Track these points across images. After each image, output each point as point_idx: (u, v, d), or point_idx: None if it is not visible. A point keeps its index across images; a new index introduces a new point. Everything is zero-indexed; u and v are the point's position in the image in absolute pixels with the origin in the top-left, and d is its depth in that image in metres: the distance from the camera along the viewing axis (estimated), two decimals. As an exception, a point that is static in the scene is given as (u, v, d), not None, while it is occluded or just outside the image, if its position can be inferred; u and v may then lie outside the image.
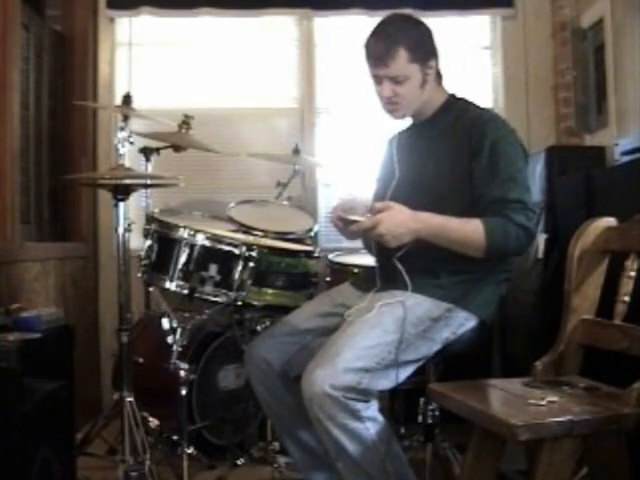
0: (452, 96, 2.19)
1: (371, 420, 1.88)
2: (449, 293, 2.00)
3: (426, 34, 2.11)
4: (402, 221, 1.91)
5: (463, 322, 2.01)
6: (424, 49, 2.08)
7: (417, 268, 2.01)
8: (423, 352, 1.98)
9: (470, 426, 1.76)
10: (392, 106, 2.12)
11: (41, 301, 2.94)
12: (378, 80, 2.10)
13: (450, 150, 2.07)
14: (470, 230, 1.93)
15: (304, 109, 3.86)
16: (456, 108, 2.14)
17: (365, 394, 1.87)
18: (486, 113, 2.12)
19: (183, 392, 2.50)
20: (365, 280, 2.20)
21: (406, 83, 2.07)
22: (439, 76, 2.16)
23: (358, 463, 1.87)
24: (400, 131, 2.32)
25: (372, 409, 1.89)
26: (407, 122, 2.28)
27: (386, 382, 1.91)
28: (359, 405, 1.85)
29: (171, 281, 2.44)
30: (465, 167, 2.03)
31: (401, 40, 2.03)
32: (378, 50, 2.06)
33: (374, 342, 1.89)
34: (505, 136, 2.03)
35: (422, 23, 2.13)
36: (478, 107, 2.15)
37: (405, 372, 1.96)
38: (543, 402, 1.61)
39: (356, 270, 2.81)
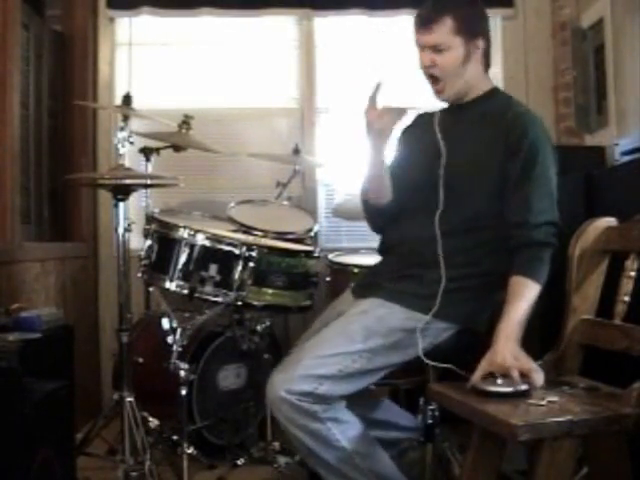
0: (496, 88, 2.16)
1: (332, 421, 1.89)
2: (428, 304, 1.96)
3: (478, 12, 2.08)
4: (506, 350, 1.79)
5: (441, 333, 1.98)
6: (472, 25, 2.04)
7: (402, 275, 2.03)
8: (394, 360, 1.98)
9: (470, 426, 1.76)
10: (432, 80, 2.07)
11: (41, 301, 2.94)
12: (421, 49, 2.06)
13: (485, 138, 2.03)
14: (527, 293, 1.88)
15: (304, 109, 3.86)
16: (500, 100, 2.11)
17: (324, 399, 1.88)
18: (527, 114, 2.06)
19: (183, 392, 2.50)
20: (358, 286, 2.20)
21: (446, 54, 2.01)
22: (487, 64, 2.11)
23: (327, 462, 1.91)
24: (437, 110, 2.23)
25: (334, 411, 1.90)
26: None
27: (349, 387, 1.92)
28: (316, 407, 1.86)
29: (171, 281, 2.45)
30: (494, 160, 2.00)
31: (450, 9, 2.00)
32: (426, 15, 2.02)
33: (338, 350, 1.91)
34: (543, 143, 1.99)
35: (478, 3, 2.10)
36: (521, 105, 2.11)
37: (373, 377, 1.97)
38: (543, 402, 1.61)
39: (356, 270, 2.81)
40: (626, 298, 1.81)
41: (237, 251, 2.43)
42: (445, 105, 2.18)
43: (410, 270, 2.03)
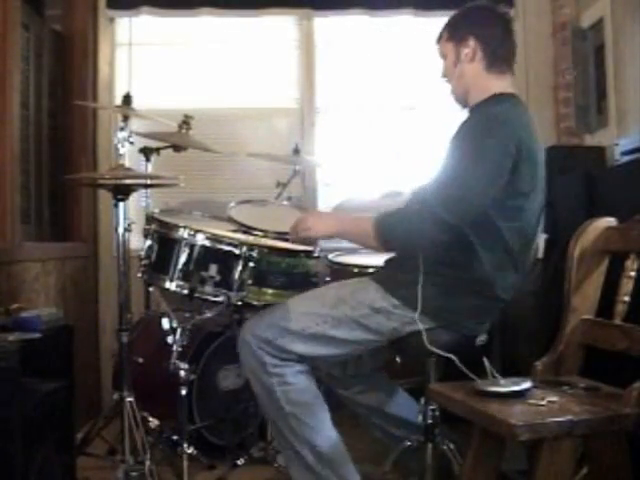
0: (498, 94, 2.09)
1: (278, 377, 2.01)
2: (400, 290, 2.00)
3: (465, 16, 2.12)
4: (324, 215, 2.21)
5: (410, 322, 1.99)
6: (458, 28, 2.10)
7: (392, 260, 2.13)
8: (358, 336, 2.03)
9: (470, 426, 1.76)
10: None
11: (41, 301, 2.94)
12: None
13: (457, 144, 2.03)
14: (363, 220, 2.01)
15: (304, 109, 3.86)
16: (490, 104, 2.07)
17: (280, 351, 2.02)
18: (481, 113, 2.03)
19: (183, 392, 2.50)
20: None
21: (447, 60, 2.14)
22: (491, 63, 2.08)
23: (268, 413, 2.08)
24: None
25: (283, 368, 2.02)
26: None
27: (308, 348, 2.03)
28: (267, 358, 2.01)
29: (171, 281, 2.44)
30: None
31: (447, 21, 2.15)
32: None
33: (307, 310, 2.06)
34: (470, 134, 1.97)
35: (473, 6, 2.12)
36: (492, 105, 2.06)
37: (336, 348, 2.04)
38: (543, 402, 1.61)
39: (356, 270, 2.81)
40: (626, 298, 1.81)
41: (237, 251, 2.43)
42: None
43: (398, 257, 2.11)
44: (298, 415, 2.03)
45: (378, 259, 2.25)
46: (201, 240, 2.44)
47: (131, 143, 2.58)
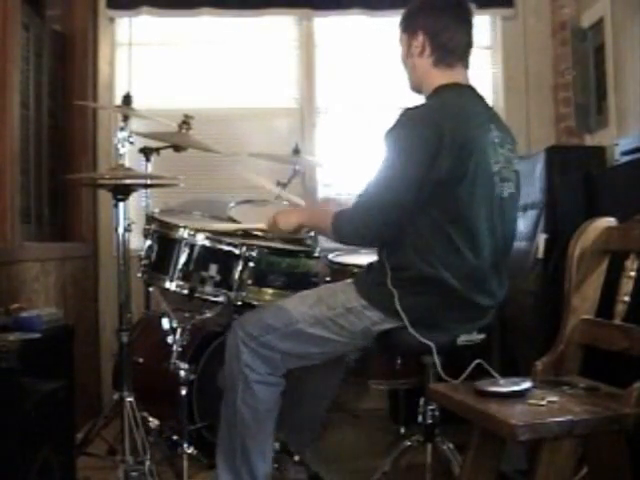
0: (441, 87, 2.07)
1: (245, 377, 2.08)
2: (367, 291, 2.05)
3: (417, 9, 2.10)
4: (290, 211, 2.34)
5: (377, 321, 2.03)
6: (409, 21, 2.10)
7: (371, 263, 2.16)
8: (333, 334, 2.07)
9: (470, 426, 1.76)
10: None
11: (41, 301, 2.94)
12: None
13: None
14: (327, 215, 2.09)
15: (304, 109, 3.86)
16: (427, 99, 2.11)
17: (265, 348, 2.09)
18: (403, 113, 2.01)
19: (183, 392, 2.50)
20: None
21: (401, 49, 2.14)
22: (443, 61, 2.07)
23: (225, 395, 2.14)
24: None
25: (253, 375, 2.08)
26: None
27: (290, 346, 2.09)
28: (245, 355, 2.09)
29: (171, 281, 2.44)
30: None
31: (405, 10, 2.14)
32: None
33: (289, 307, 2.13)
34: (387, 136, 2.00)
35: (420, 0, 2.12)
36: (430, 99, 2.08)
37: (315, 347, 2.10)
38: (543, 402, 1.61)
39: (355, 270, 2.80)
40: (626, 298, 1.81)
41: (237, 251, 2.43)
42: None
43: (377, 260, 2.13)
44: (245, 416, 2.10)
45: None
46: (201, 240, 2.44)
47: (131, 143, 2.58)
